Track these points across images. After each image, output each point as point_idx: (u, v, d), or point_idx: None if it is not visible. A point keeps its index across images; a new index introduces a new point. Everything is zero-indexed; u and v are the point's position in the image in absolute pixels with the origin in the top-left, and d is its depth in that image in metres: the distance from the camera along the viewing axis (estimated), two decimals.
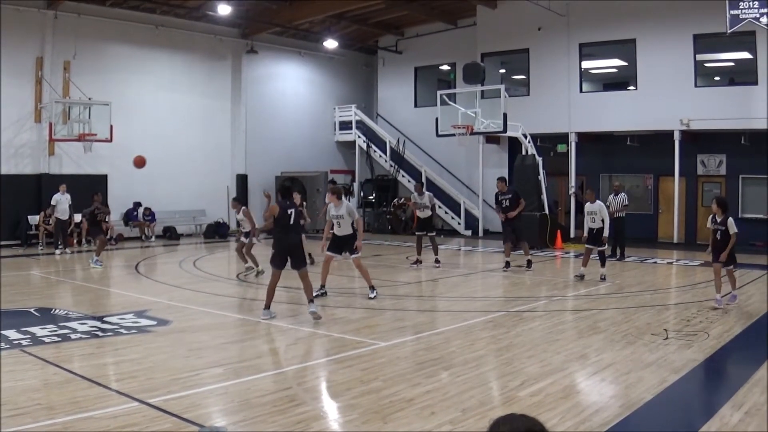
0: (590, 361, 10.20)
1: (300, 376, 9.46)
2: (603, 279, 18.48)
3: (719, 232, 14.37)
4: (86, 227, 25.23)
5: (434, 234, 21.89)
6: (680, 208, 28.82)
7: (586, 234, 19.07)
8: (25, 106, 27.61)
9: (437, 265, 21.33)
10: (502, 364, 10.09)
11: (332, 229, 15.62)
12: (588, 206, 18.96)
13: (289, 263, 13.49)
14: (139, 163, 23.22)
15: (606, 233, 18.50)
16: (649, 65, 28.82)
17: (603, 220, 18.47)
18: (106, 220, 23.23)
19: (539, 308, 14.82)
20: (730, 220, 14.23)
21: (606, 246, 19.06)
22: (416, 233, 22.26)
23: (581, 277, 18.68)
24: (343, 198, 16.05)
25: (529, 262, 20.83)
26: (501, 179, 21.98)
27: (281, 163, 36.30)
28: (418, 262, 21.88)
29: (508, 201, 21.09)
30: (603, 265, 18.90)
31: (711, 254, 14.69)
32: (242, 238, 20.01)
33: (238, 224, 20.66)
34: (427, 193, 22.11)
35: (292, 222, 13.38)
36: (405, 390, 8.58)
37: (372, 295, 15.52)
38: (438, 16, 35.80)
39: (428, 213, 21.66)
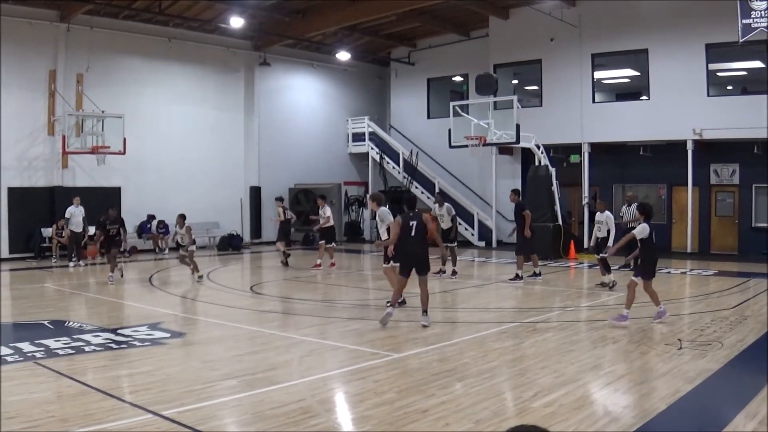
0: (604, 371, 10.18)
1: (314, 387, 9.44)
2: (613, 286, 18.52)
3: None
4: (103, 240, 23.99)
5: (454, 245, 21.91)
6: (694, 218, 28.76)
7: (592, 243, 19.39)
8: (39, 119, 27.75)
9: (453, 277, 21.35)
10: (515, 375, 10.07)
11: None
12: (597, 215, 19.28)
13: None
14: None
15: (611, 242, 18.53)
16: (662, 75, 28.79)
17: (609, 231, 18.64)
18: (118, 235, 21.89)
19: (553, 319, 14.80)
20: (641, 226, 13.80)
21: (609, 254, 19.02)
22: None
23: (604, 284, 18.89)
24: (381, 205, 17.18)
25: (518, 276, 20.70)
26: (512, 191, 22.08)
27: (295, 175, 36.40)
28: (441, 271, 21.90)
29: (514, 214, 21.25)
30: (609, 272, 19.03)
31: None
32: (182, 251, 21.55)
33: (178, 237, 21.94)
34: (446, 204, 22.19)
35: (413, 233, 13.91)
36: (419, 401, 8.57)
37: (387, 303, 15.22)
38: (450, 28, 35.84)
39: (448, 224, 21.74)
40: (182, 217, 21.50)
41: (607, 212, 19.31)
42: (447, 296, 18.91)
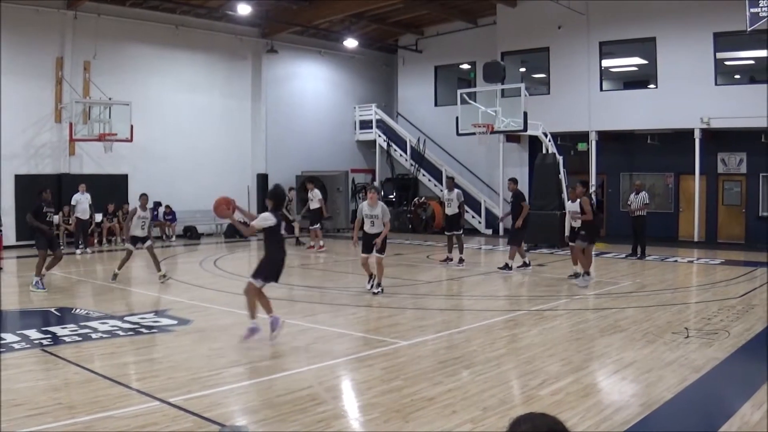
0: (611, 359, 10.17)
1: (321, 375, 9.45)
2: (587, 275, 18.47)
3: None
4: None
5: (460, 233, 21.81)
6: (701, 207, 28.72)
7: (567, 233, 19.26)
8: (46, 107, 27.75)
9: (460, 264, 21.33)
10: (522, 362, 10.07)
11: (362, 227, 16.27)
12: (569, 205, 19.00)
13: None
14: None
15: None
16: (670, 63, 28.72)
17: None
18: (53, 221, 19.26)
19: (560, 307, 14.79)
20: (261, 216, 11.60)
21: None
22: (446, 233, 22.23)
23: (576, 275, 18.65)
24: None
25: (507, 265, 20.49)
26: (510, 180, 22.04)
27: (302, 162, 36.34)
28: (447, 259, 21.95)
29: (511, 204, 21.01)
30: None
31: None
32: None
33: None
34: (456, 190, 22.03)
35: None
36: (426, 389, 8.58)
37: (375, 290, 16.03)
38: (458, 15, 35.77)
39: (455, 210, 21.60)
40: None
41: (579, 201, 19.07)
42: (454, 284, 18.92)
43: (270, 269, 11.49)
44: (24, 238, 26.71)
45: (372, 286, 16.27)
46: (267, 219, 11.30)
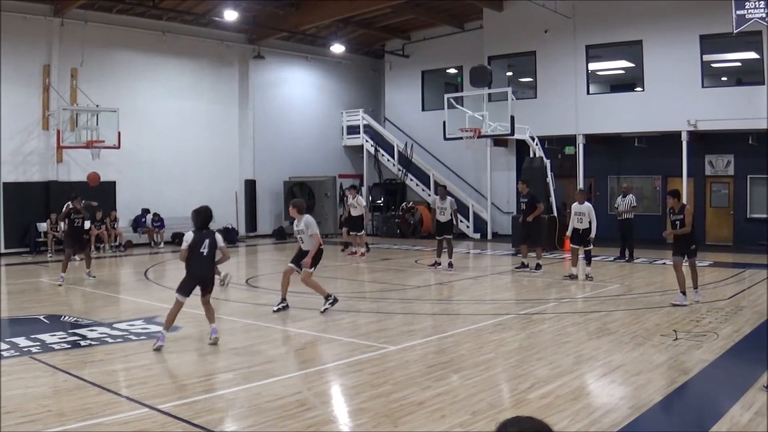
0: (600, 362, 10.19)
1: (310, 380, 9.46)
2: (590, 279, 18.74)
3: None
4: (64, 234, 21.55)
5: (450, 237, 21.93)
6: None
7: (569, 233, 19.43)
8: (33, 114, 27.68)
9: (450, 269, 21.40)
10: (511, 366, 10.07)
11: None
12: (577, 207, 19.26)
13: None
14: (93, 179, 22.43)
15: (593, 234, 18.83)
16: (656, 66, 28.76)
17: (590, 222, 18.80)
18: (85, 226, 20.61)
19: (548, 310, 14.82)
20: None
21: (592, 246, 19.28)
22: (437, 238, 22.33)
23: (572, 276, 18.91)
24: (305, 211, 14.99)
25: (538, 265, 20.91)
26: (521, 181, 22.26)
27: (290, 168, 36.34)
28: (436, 264, 22.03)
29: (524, 204, 21.30)
30: (589, 264, 19.46)
31: None
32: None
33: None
34: (449, 198, 22.18)
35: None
36: (415, 393, 8.59)
37: (322, 309, 14.38)
38: (444, 20, 35.81)
39: (447, 218, 21.74)
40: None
41: (587, 203, 19.32)
42: (443, 288, 18.95)
43: (183, 283, 11.65)
44: (13, 246, 26.73)
45: (280, 309, 14.63)
46: (185, 240, 11.53)
